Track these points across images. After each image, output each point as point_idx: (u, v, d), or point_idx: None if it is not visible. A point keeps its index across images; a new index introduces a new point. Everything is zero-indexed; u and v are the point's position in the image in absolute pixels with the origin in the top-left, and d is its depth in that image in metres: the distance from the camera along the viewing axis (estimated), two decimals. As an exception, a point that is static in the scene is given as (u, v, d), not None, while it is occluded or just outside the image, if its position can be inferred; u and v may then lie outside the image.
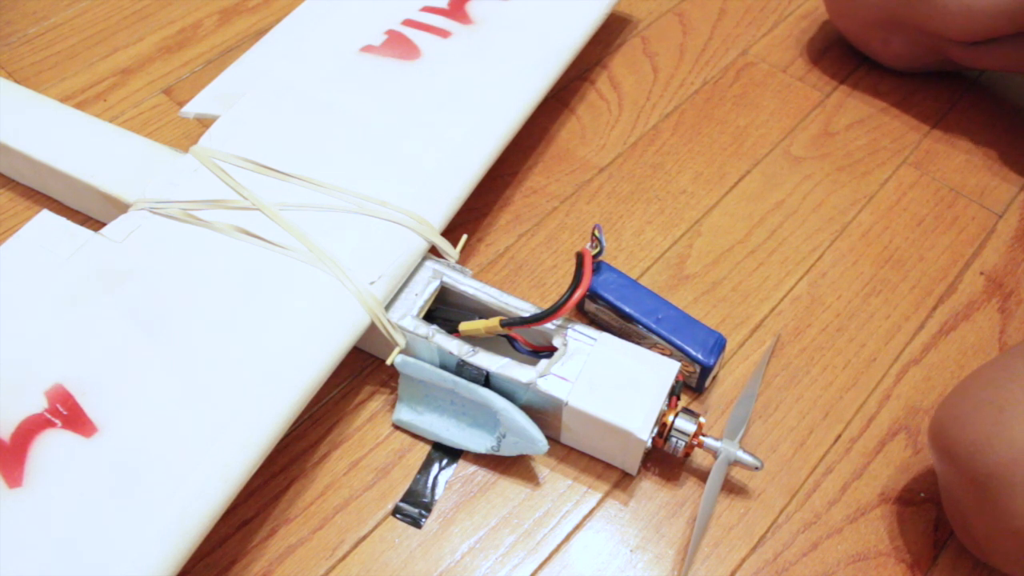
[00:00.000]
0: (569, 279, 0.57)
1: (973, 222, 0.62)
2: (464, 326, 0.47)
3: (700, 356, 0.49)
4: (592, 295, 0.52)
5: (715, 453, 0.46)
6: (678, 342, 0.49)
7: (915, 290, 0.58)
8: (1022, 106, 0.70)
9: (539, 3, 0.63)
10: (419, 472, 0.49)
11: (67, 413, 0.42)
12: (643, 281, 0.57)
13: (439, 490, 0.48)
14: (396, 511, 0.48)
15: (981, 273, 0.59)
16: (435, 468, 0.49)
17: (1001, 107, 0.70)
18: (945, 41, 0.65)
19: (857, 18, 0.69)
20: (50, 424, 0.41)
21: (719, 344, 0.50)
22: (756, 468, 0.46)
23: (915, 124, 0.68)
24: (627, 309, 0.51)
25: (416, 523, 0.47)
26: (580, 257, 0.46)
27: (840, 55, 0.72)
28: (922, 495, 0.49)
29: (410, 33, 0.61)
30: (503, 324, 0.46)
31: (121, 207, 0.52)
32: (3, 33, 0.70)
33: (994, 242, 0.61)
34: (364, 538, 0.47)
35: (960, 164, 0.66)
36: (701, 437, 0.46)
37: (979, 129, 0.68)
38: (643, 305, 0.51)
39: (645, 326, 0.50)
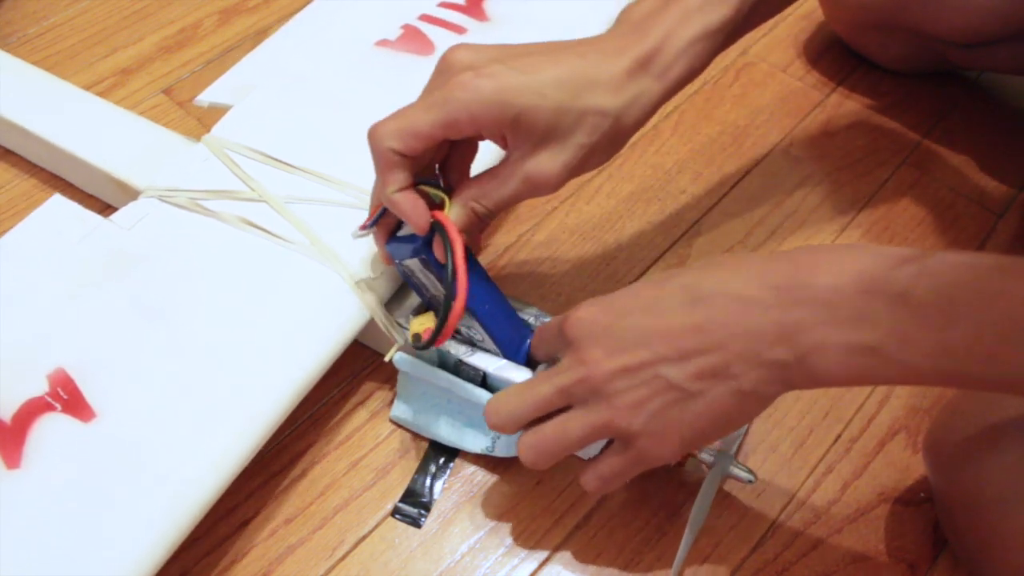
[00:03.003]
0: (569, 280, 0.58)
1: (973, 222, 0.62)
2: (412, 320, 0.46)
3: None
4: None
5: (708, 465, 0.46)
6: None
7: (915, 290, 0.58)
8: (1021, 107, 0.70)
9: (556, 2, 0.63)
10: (417, 472, 0.49)
11: (67, 397, 0.42)
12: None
13: (437, 489, 0.48)
14: (395, 511, 0.47)
15: (981, 273, 0.59)
16: (433, 467, 0.49)
17: (1000, 108, 0.70)
18: (942, 43, 0.65)
19: (854, 22, 0.69)
20: (50, 408, 0.42)
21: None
22: (749, 482, 0.46)
23: (915, 124, 0.68)
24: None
25: (416, 523, 0.47)
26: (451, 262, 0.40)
27: (840, 55, 0.72)
28: (922, 495, 0.49)
29: (425, 28, 0.61)
30: (412, 339, 0.44)
31: (132, 194, 0.53)
32: (3, 33, 0.70)
33: (994, 242, 0.61)
34: (364, 538, 0.47)
35: (960, 164, 0.66)
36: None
37: (979, 129, 0.68)
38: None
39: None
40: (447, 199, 0.42)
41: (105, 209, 0.56)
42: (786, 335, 0.35)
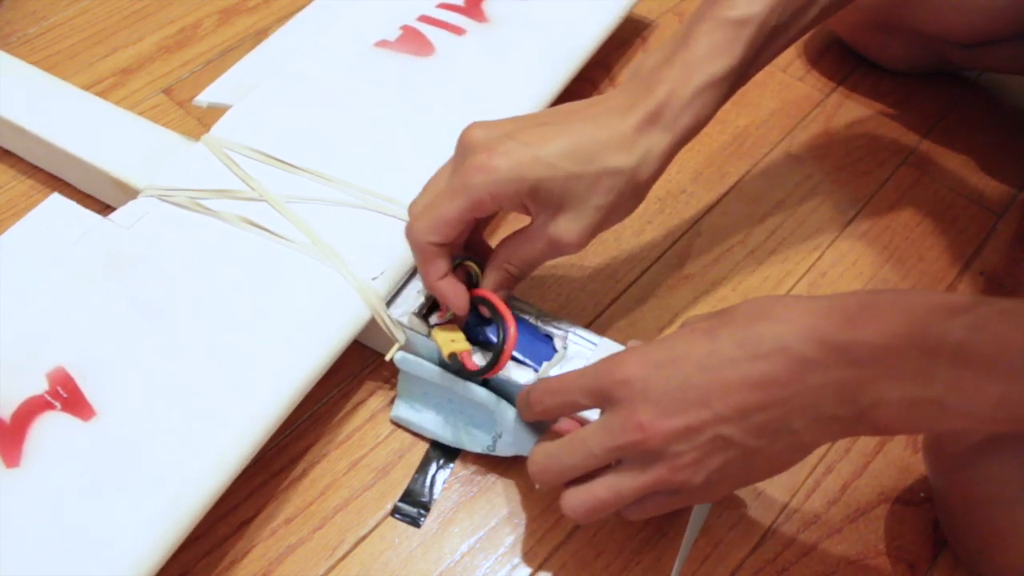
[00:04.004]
0: (569, 280, 0.58)
1: (973, 222, 0.62)
2: (436, 333, 0.46)
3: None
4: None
5: None
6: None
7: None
8: (1021, 106, 0.70)
9: (555, 3, 0.63)
10: (417, 471, 0.49)
11: (67, 396, 0.42)
12: (643, 280, 0.57)
13: (437, 489, 0.48)
14: (395, 511, 0.47)
15: (981, 273, 0.59)
16: (433, 467, 0.49)
17: (1000, 108, 0.70)
18: (943, 43, 0.65)
19: (854, 22, 0.69)
20: (50, 406, 0.42)
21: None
22: None
23: (915, 124, 0.68)
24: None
25: (415, 522, 0.47)
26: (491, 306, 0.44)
27: (840, 55, 0.72)
28: (922, 495, 0.49)
29: (425, 29, 0.61)
30: (449, 358, 0.45)
31: (131, 193, 0.53)
32: (3, 33, 0.70)
33: (994, 242, 0.61)
34: (364, 538, 0.47)
35: (960, 164, 0.66)
36: None
37: (978, 129, 0.68)
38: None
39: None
40: (479, 269, 0.45)
41: (104, 209, 0.56)
42: (845, 393, 0.35)
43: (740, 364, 0.36)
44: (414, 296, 0.49)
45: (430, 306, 0.49)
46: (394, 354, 0.47)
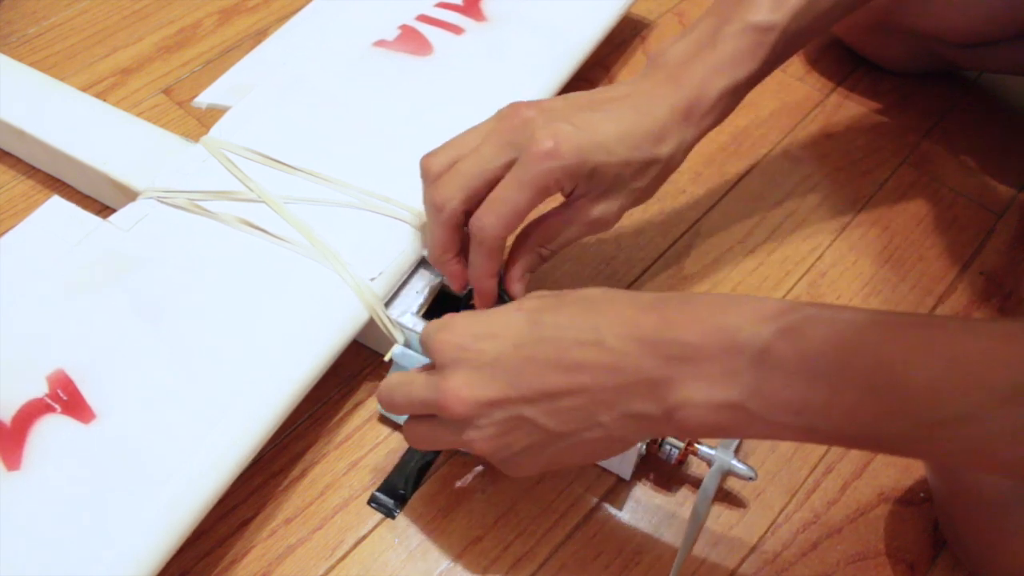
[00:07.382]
0: (569, 280, 0.58)
1: (973, 222, 0.62)
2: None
3: None
4: None
5: (709, 462, 0.46)
6: None
7: (915, 290, 0.58)
8: (1021, 106, 0.70)
9: (554, 2, 0.63)
10: (398, 464, 0.49)
11: (67, 399, 0.42)
12: (644, 280, 0.57)
13: (417, 483, 0.48)
14: (371, 500, 0.47)
15: (981, 273, 0.59)
16: (414, 462, 0.49)
17: (999, 108, 0.70)
18: (942, 43, 0.65)
19: (854, 22, 0.69)
20: (50, 409, 0.42)
21: None
22: (750, 479, 0.46)
23: (914, 124, 0.68)
24: None
25: (390, 514, 0.47)
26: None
27: (839, 55, 0.72)
28: (922, 495, 0.49)
29: (423, 29, 0.61)
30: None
31: (131, 195, 0.53)
32: (3, 33, 0.70)
33: (994, 242, 0.61)
34: (364, 538, 0.47)
35: (960, 164, 0.66)
36: (695, 445, 0.46)
37: (978, 130, 0.68)
38: None
39: None
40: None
41: (103, 211, 0.56)
42: (653, 390, 0.35)
43: (554, 348, 0.36)
44: (413, 296, 0.49)
45: (429, 306, 0.49)
46: (393, 353, 0.47)
